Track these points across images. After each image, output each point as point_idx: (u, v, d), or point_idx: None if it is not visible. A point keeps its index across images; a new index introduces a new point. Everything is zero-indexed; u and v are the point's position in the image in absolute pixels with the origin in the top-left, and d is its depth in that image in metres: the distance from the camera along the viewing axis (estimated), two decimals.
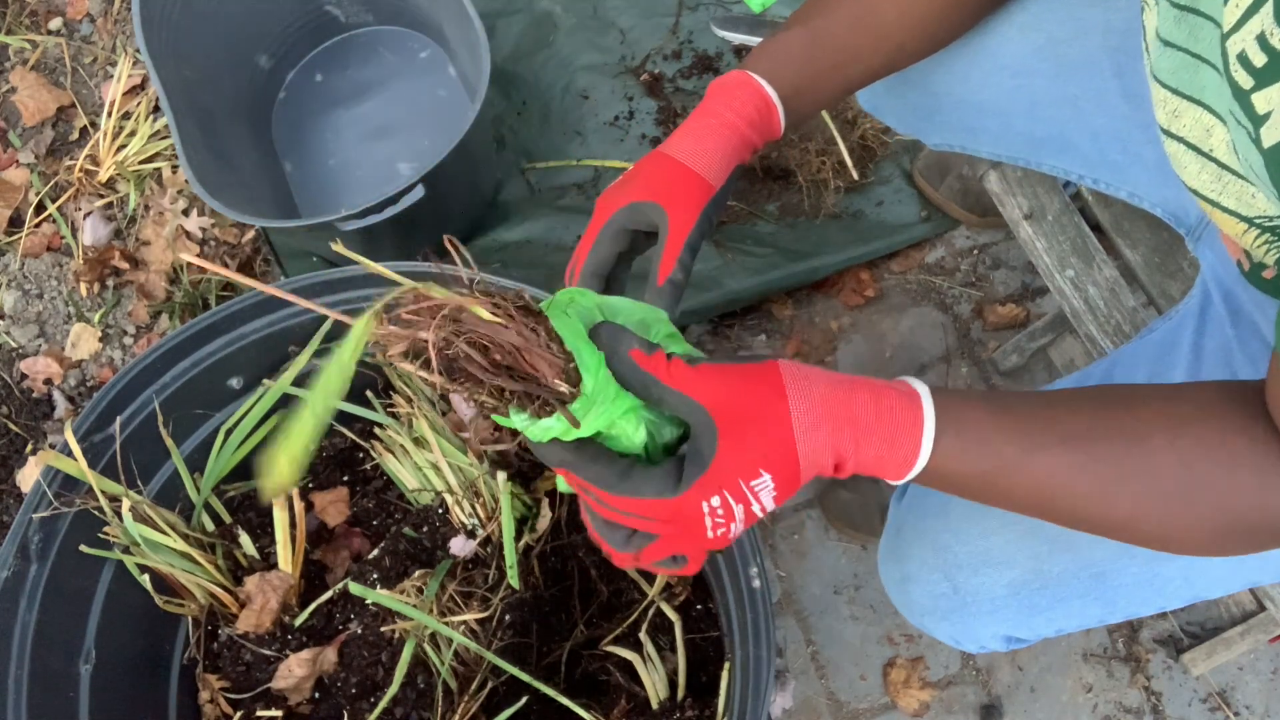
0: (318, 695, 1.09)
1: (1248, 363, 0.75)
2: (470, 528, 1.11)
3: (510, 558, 1.06)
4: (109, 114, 1.64)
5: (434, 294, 0.52)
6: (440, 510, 1.13)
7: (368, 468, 1.22)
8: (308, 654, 1.07)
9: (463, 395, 0.52)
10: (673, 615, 1.04)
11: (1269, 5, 0.44)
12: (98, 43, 1.77)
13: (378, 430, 1.18)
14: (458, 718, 1.03)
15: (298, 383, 1.13)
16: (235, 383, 1.13)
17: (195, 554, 1.08)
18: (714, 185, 0.73)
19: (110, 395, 1.04)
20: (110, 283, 1.58)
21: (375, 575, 1.10)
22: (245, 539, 1.13)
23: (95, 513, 1.03)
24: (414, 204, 1.28)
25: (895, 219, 1.52)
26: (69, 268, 1.59)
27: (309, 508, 1.17)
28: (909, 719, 1.31)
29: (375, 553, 1.12)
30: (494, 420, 0.55)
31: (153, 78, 1.34)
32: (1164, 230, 1.11)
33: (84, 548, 1.03)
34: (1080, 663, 1.33)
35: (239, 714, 1.09)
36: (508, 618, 1.05)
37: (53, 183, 1.66)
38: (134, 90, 1.70)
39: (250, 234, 1.58)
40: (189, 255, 0.90)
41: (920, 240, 1.52)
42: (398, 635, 1.06)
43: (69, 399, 1.52)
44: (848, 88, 0.81)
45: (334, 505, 1.19)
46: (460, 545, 1.10)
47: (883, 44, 0.79)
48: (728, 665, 0.99)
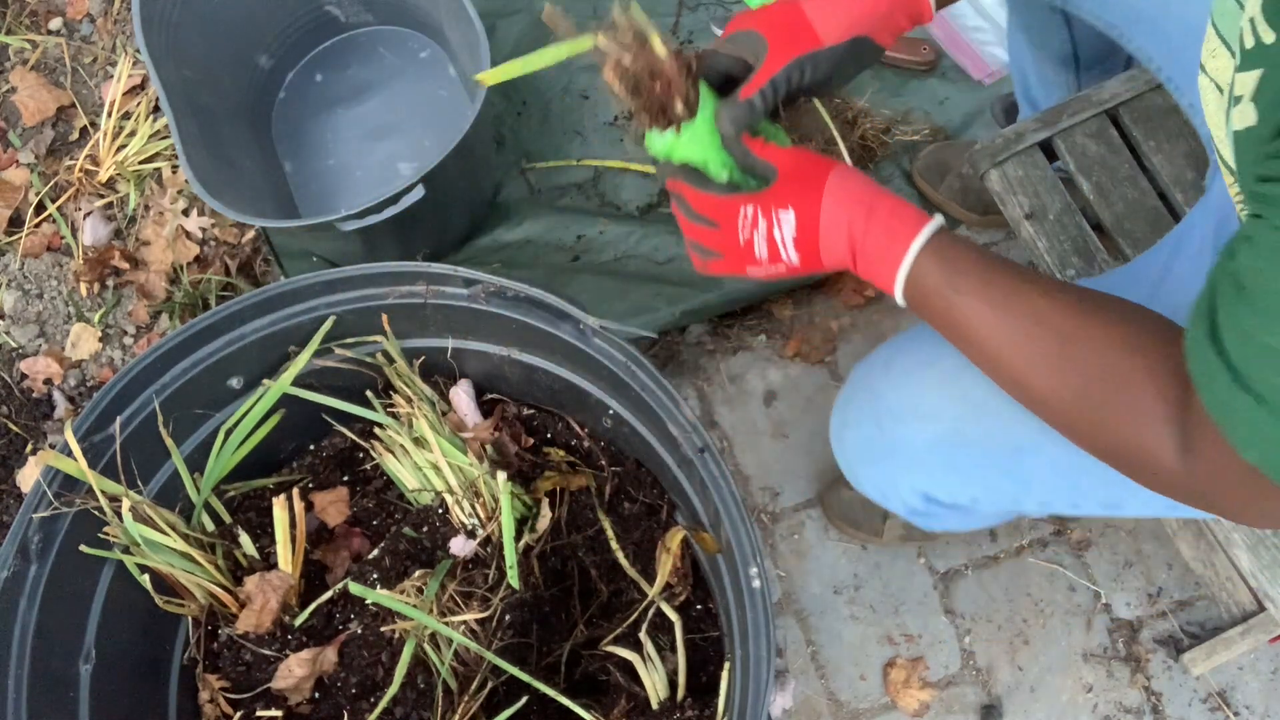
0: (318, 695, 1.09)
1: None
2: (470, 528, 1.11)
3: (510, 558, 1.06)
4: (109, 114, 1.64)
5: (636, 18, 0.76)
6: (440, 510, 1.13)
7: (368, 468, 1.22)
8: (308, 654, 1.07)
9: (634, 106, 0.78)
10: (673, 615, 1.04)
11: None
12: (98, 43, 1.77)
13: (378, 430, 1.18)
14: (458, 718, 1.03)
15: (298, 382, 1.13)
16: (235, 383, 1.13)
17: (195, 554, 1.08)
18: (823, 40, 0.78)
19: (110, 395, 1.04)
20: (110, 283, 1.58)
21: (375, 575, 1.10)
22: (245, 539, 1.13)
23: (95, 513, 1.03)
24: (414, 204, 1.28)
25: None
26: (69, 268, 1.59)
27: (309, 508, 1.17)
28: (909, 719, 1.31)
29: (375, 553, 1.12)
30: (643, 142, 0.82)
31: (153, 78, 1.34)
32: (1165, 230, 1.11)
33: (84, 548, 1.03)
34: (1080, 663, 1.33)
35: (239, 714, 1.09)
36: (508, 618, 1.05)
37: (53, 183, 1.66)
38: (134, 90, 1.70)
39: (250, 234, 1.58)
40: None
41: None
42: (398, 635, 1.06)
43: (69, 399, 1.52)
44: None
45: (334, 505, 1.19)
46: (460, 545, 1.10)
47: None
48: (728, 665, 0.99)
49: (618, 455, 1.20)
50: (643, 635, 1.03)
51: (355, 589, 1.04)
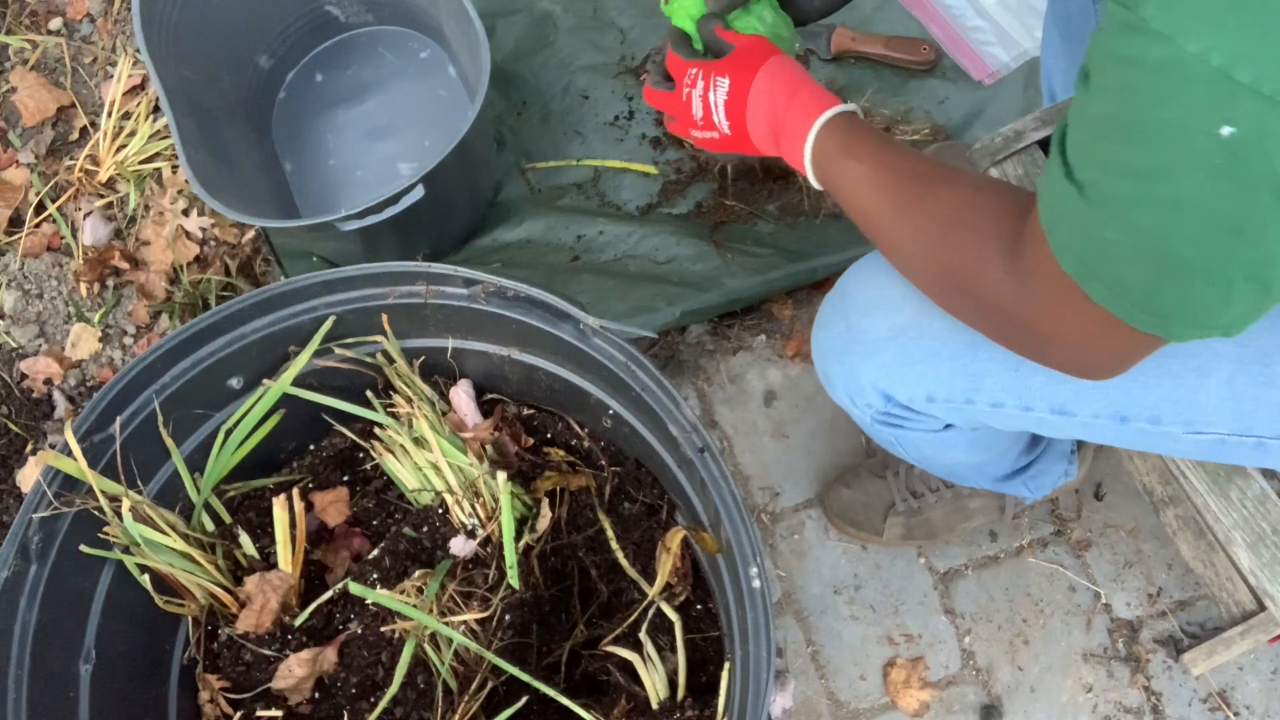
0: (318, 695, 1.09)
1: None
2: (470, 528, 1.11)
3: (510, 558, 1.06)
4: (109, 114, 1.64)
5: None
6: (440, 510, 1.13)
7: (368, 468, 1.22)
8: (308, 654, 1.07)
9: None
10: (673, 615, 1.04)
11: None
12: (98, 43, 1.77)
13: (378, 430, 1.18)
14: (458, 718, 1.03)
15: (298, 382, 1.13)
16: (235, 383, 1.13)
17: (195, 554, 1.08)
18: None
19: (110, 395, 1.04)
20: (110, 283, 1.58)
21: (375, 575, 1.10)
22: (245, 539, 1.13)
23: (95, 513, 1.03)
24: (414, 204, 1.28)
25: None
26: (69, 268, 1.59)
27: (309, 508, 1.17)
28: (909, 719, 1.31)
29: (375, 553, 1.12)
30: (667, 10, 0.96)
31: (153, 78, 1.34)
32: None
33: (84, 548, 1.03)
34: (1080, 663, 1.33)
35: (239, 714, 1.09)
36: (508, 618, 1.05)
37: (53, 183, 1.66)
38: (134, 90, 1.70)
39: (250, 234, 1.58)
40: None
41: None
42: (398, 635, 1.06)
43: (69, 399, 1.52)
44: None
45: (334, 505, 1.19)
46: (460, 545, 1.10)
47: None
48: (728, 665, 0.99)
49: (618, 455, 1.20)
50: (643, 635, 1.03)
51: (355, 589, 1.04)
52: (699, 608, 1.15)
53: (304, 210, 1.58)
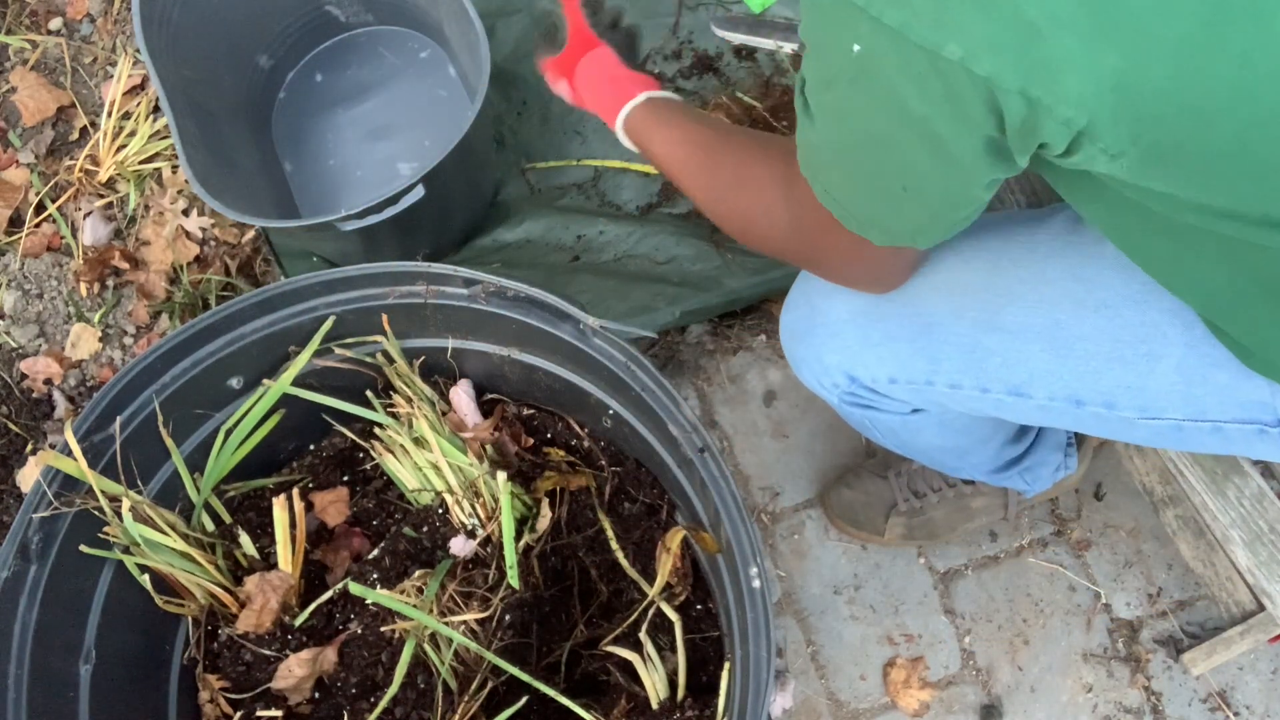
0: (318, 695, 1.09)
1: None
2: (470, 528, 1.11)
3: (510, 558, 1.06)
4: (109, 114, 1.64)
5: None
6: (440, 510, 1.13)
7: (368, 468, 1.22)
8: (308, 654, 1.07)
9: None
10: (673, 615, 1.04)
11: None
12: (98, 43, 1.77)
13: (378, 430, 1.18)
14: (458, 718, 1.03)
15: (298, 382, 1.13)
16: (235, 383, 1.13)
17: (195, 554, 1.08)
18: None
19: (110, 395, 1.04)
20: (110, 283, 1.58)
21: (375, 575, 1.10)
22: (245, 539, 1.13)
23: (95, 513, 1.03)
24: (414, 204, 1.28)
25: None
26: (69, 268, 1.59)
27: (309, 508, 1.17)
28: (909, 719, 1.31)
29: (375, 553, 1.12)
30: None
31: (153, 77, 1.34)
32: None
33: (84, 548, 1.03)
34: (1080, 663, 1.33)
35: (239, 714, 1.09)
36: (508, 618, 1.05)
37: (53, 183, 1.66)
38: (134, 90, 1.70)
39: (250, 234, 1.58)
40: None
41: None
42: (398, 635, 1.06)
43: (69, 399, 1.52)
44: None
45: (334, 505, 1.19)
46: (460, 545, 1.10)
47: None
48: (728, 665, 0.99)
49: (618, 455, 1.20)
50: (643, 635, 1.03)
51: (355, 589, 1.04)
52: (699, 608, 1.15)
53: (304, 210, 1.57)
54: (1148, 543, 1.38)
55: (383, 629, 1.06)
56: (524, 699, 1.05)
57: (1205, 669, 1.24)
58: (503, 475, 1.07)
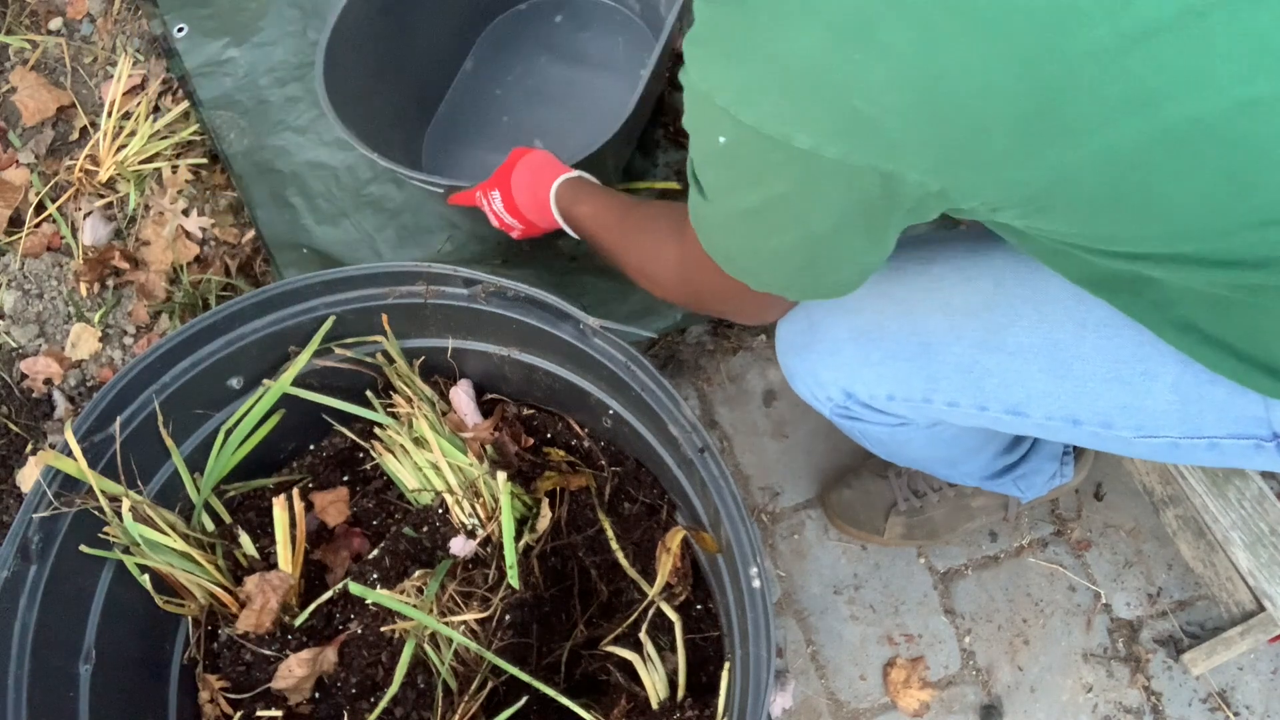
0: (318, 695, 1.09)
1: None
2: (470, 528, 1.11)
3: (510, 558, 1.06)
4: (109, 114, 1.64)
5: None
6: (440, 510, 1.13)
7: (368, 468, 1.22)
8: (308, 654, 1.07)
9: None
10: (673, 615, 1.04)
11: None
12: (98, 43, 1.77)
13: (378, 430, 1.18)
14: (458, 718, 1.03)
15: (298, 382, 1.13)
16: (235, 383, 1.13)
17: (195, 554, 1.08)
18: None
19: (110, 395, 1.04)
20: (110, 283, 1.58)
21: (375, 575, 1.10)
22: (245, 539, 1.13)
23: (95, 513, 1.03)
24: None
25: None
26: (69, 268, 1.59)
27: (309, 508, 1.17)
28: (909, 719, 1.31)
29: (375, 553, 1.12)
30: None
31: None
32: None
33: (84, 548, 1.03)
34: (1080, 663, 1.33)
35: (239, 714, 1.09)
36: (508, 618, 1.05)
37: (53, 183, 1.66)
38: (134, 90, 1.70)
39: (250, 234, 1.58)
40: None
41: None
42: (398, 635, 1.06)
43: (69, 399, 1.52)
44: None
45: (334, 505, 1.19)
46: (460, 545, 1.10)
47: None
48: (728, 665, 0.99)
49: (618, 455, 1.20)
50: (643, 635, 1.03)
51: (355, 589, 1.04)
52: (699, 608, 1.15)
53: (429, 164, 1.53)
54: (1148, 543, 1.38)
55: (383, 629, 1.06)
56: (524, 699, 1.05)
57: (1205, 669, 1.24)
58: (503, 475, 1.07)
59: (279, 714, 1.08)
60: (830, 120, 0.58)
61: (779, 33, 0.58)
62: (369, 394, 1.17)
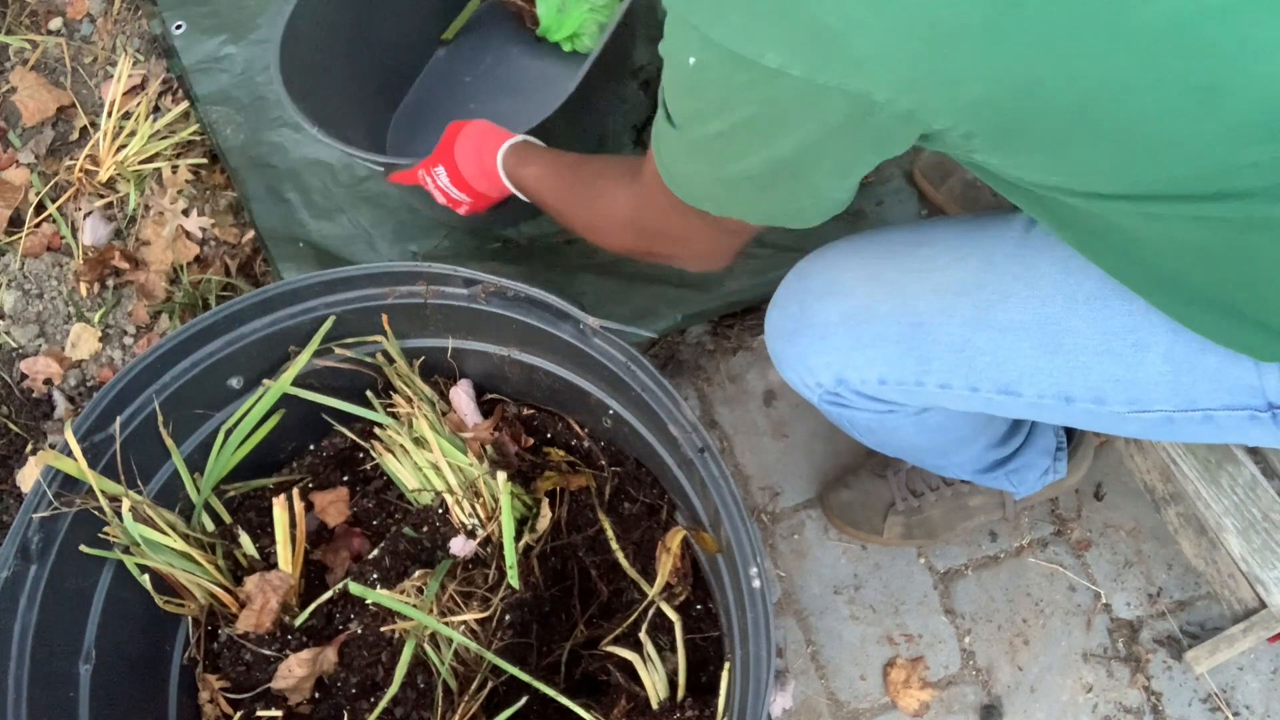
0: (318, 695, 1.09)
1: None
2: (470, 528, 1.11)
3: (510, 558, 1.06)
4: (109, 114, 1.64)
5: None
6: (440, 510, 1.13)
7: (368, 468, 1.22)
8: (308, 654, 1.07)
9: None
10: (673, 615, 1.04)
11: None
12: (98, 43, 1.77)
13: (378, 430, 1.18)
14: (458, 718, 1.03)
15: (298, 382, 1.13)
16: (235, 383, 1.13)
17: (195, 554, 1.08)
18: None
19: (110, 395, 1.04)
20: (110, 283, 1.58)
21: (375, 575, 1.10)
22: (245, 539, 1.13)
23: (95, 513, 1.03)
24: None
25: (895, 218, 1.52)
26: (69, 268, 1.59)
27: (309, 508, 1.17)
28: (909, 719, 1.31)
29: (375, 553, 1.12)
30: None
31: None
32: None
33: (84, 548, 1.03)
34: (1080, 663, 1.33)
35: (239, 714, 1.09)
36: (508, 618, 1.05)
37: (53, 183, 1.66)
38: (134, 90, 1.70)
39: (250, 234, 1.58)
40: None
41: None
42: (398, 635, 1.06)
43: (69, 399, 1.52)
44: None
45: (334, 505, 1.19)
46: (460, 545, 1.10)
47: None
48: (728, 665, 0.99)
49: (618, 455, 1.20)
50: (643, 635, 1.03)
51: (355, 589, 1.04)
52: (699, 608, 1.15)
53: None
54: (1148, 542, 1.38)
55: (383, 629, 1.06)
56: (524, 699, 1.05)
57: (1208, 667, 1.24)
58: (503, 475, 1.07)
59: (279, 714, 1.08)
60: (798, 36, 0.58)
61: None
62: (369, 394, 1.17)
